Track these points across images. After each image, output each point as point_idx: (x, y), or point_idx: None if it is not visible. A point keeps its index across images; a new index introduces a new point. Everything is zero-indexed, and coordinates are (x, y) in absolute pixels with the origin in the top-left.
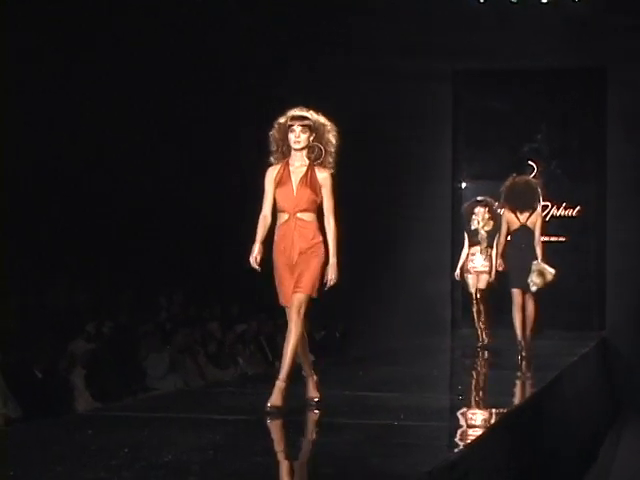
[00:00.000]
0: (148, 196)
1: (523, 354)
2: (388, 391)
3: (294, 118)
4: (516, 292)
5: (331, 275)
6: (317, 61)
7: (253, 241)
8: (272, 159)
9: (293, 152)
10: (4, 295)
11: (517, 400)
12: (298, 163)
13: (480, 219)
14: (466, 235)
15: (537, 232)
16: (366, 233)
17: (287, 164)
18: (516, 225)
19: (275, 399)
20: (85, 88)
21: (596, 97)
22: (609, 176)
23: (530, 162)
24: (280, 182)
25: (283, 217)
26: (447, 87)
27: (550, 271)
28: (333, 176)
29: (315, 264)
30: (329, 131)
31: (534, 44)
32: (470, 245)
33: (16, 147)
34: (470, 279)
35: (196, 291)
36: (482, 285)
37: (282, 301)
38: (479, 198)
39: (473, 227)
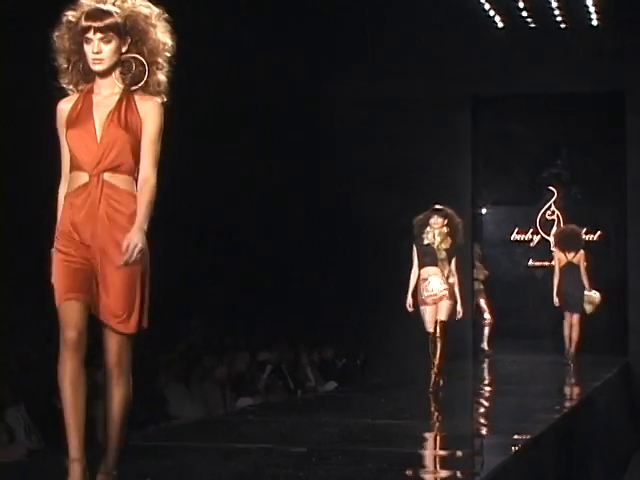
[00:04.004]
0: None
1: (570, 364)
2: (410, 418)
3: (89, 17)
4: (567, 315)
5: (132, 238)
6: (333, 87)
7: (50, 241)
8: (63, 83)
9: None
10: (21, 323)
11: (540, 427)
12: (107, 91)
13: (437, 233)
14: (415, 252)
15: (582, 267)
16: (385, 259)
17: (89, 92)
18: (564, 262)
19: None
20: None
21: (615, 121)
22: (629, 200)
23: (550, 187)
24: (76, 122)
25: (80, 179)
26: (466, 112)
27: (593, 296)
28: (165, 106)
29: (136, 270)
30: (154, 25)
31: (553, 69)
32: (421, 266)
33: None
34: (428, 312)
35: (217, 318)
36: (443, 316)
37: (66, 327)
38: (437, 206)
39: (426, 242)
